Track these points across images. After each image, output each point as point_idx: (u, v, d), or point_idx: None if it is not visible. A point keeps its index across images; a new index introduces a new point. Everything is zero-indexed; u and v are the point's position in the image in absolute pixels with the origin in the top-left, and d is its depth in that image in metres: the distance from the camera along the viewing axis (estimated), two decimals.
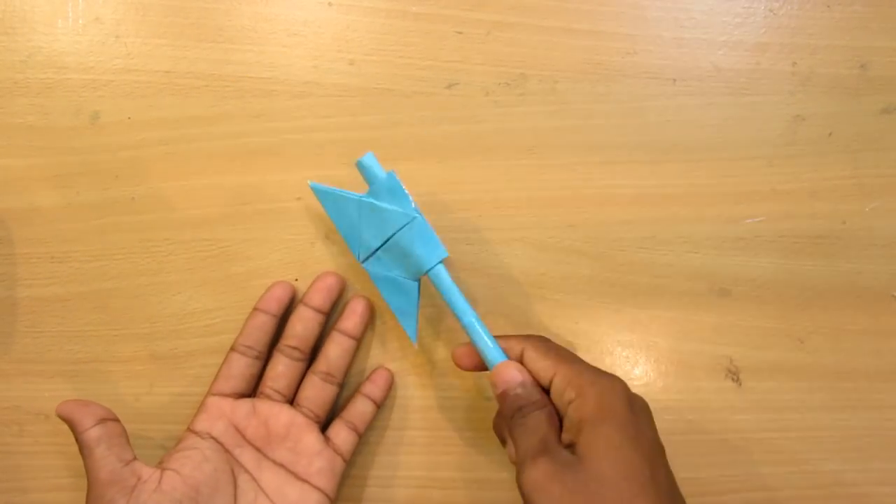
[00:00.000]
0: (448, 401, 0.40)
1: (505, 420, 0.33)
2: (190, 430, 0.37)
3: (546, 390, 0.33)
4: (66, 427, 0.34)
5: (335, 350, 0.38)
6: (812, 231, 0.40)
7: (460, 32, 0.40)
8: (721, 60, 0.40)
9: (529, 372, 0.33)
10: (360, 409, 0.38)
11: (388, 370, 0.39)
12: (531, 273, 0.40)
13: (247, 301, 0.40)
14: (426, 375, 0.40)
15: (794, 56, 0.40)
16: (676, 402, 0.39)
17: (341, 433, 0.38)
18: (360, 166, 0.36)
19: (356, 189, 0.36)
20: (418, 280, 0.36)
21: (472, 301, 0.40)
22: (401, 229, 0.35)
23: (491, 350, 0.34)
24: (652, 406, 0.32)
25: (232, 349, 0.38)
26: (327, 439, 0.37)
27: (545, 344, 0.34)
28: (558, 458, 0.30)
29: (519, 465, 0.31)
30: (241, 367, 0.37)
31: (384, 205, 0.35)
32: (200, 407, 0.37)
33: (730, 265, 0.40)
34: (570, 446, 0.30)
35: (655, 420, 0.32)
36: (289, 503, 0.35)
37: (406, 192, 0.35)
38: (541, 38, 0.40)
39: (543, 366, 0.32)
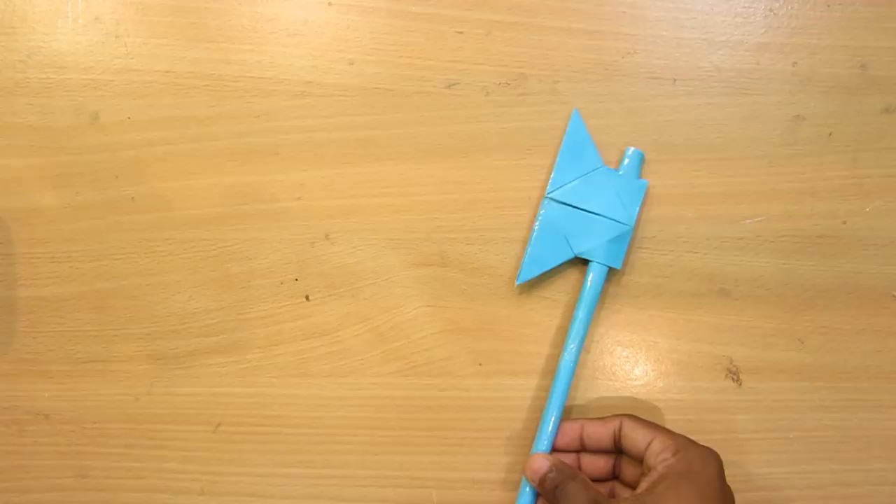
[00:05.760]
0: (446, 400, 0.40)
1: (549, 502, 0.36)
2: None
3: (638, 458, 0.35)
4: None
5: None
6: (812, 231, 0.40)
7: (460, 32, 0.40)
8: (721, 60, 0.40)
9: (627, 440, 0.36)
10: None
11: None
12: None
13: (247, 301, 0.40)
14: (425, 375, 0.40)
15: (794, 56, 0.40)
16: (676, 402, 0.39)
17: None
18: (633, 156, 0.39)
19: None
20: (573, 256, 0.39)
21: (472, 300, 0.40)
22: (609, 219, 0.39)
23: (540, 440, 0.37)
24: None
25: None
26: None
27: (639, 419, 0.36)
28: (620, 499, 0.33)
29: None
30: None
31: (620, 198, 0.39)
32: None
33: (730, 265, 0.40)
34: (638, 492, 0.33)
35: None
36: None
37: (637, 207, 0.39)
38: (541, 38, 0.40)
39: (642, 433, 0.35)
